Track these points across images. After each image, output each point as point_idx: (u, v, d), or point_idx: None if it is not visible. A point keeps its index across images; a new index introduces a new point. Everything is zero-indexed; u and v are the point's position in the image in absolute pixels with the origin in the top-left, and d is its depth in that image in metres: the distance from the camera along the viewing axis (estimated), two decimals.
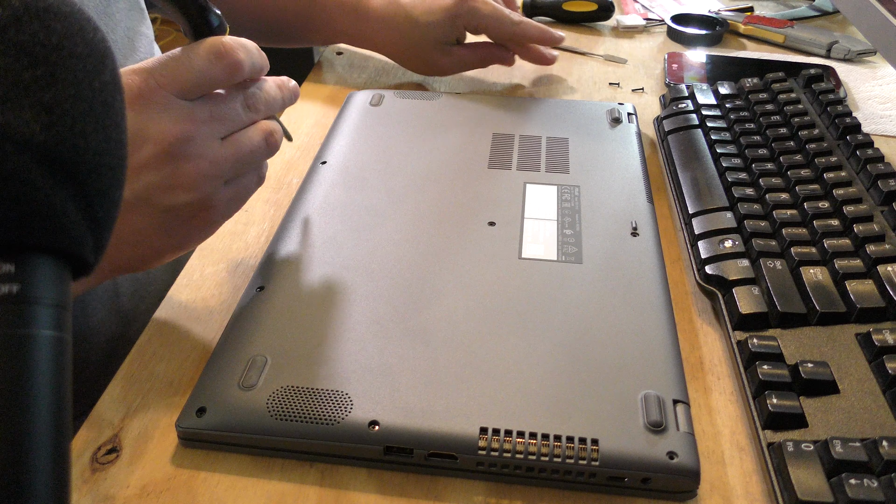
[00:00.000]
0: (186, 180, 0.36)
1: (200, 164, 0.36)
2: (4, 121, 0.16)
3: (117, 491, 0.33)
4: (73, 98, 0.17)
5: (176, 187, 0.36)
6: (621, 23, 0.85)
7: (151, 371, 0.39)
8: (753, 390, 0.36)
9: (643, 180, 0.51)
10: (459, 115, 0.59)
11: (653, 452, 0.32)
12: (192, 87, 0.36)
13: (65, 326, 0.17)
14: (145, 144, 0.35)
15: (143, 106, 0.34)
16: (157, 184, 0.36)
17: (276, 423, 0.33)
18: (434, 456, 0.33)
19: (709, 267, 0.44)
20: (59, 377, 0.16)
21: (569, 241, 0.45)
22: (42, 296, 0.16)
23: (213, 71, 0.36)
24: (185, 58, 0.36)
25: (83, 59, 0.18)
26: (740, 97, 0.62)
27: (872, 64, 0.76)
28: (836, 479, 0.31)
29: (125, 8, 0.60)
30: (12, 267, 0.16)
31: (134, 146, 0.34)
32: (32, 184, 0.16)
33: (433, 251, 0.44)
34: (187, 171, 0.36)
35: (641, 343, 0.38)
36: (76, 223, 0.17)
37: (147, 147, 0.35)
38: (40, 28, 0.17)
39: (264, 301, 0.40)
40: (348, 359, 0.36)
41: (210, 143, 0.37)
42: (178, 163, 0.36)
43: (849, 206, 0.46)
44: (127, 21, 0.61)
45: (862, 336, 0.38)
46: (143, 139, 0.35)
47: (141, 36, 0.63)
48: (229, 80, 0.37)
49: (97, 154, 0.18)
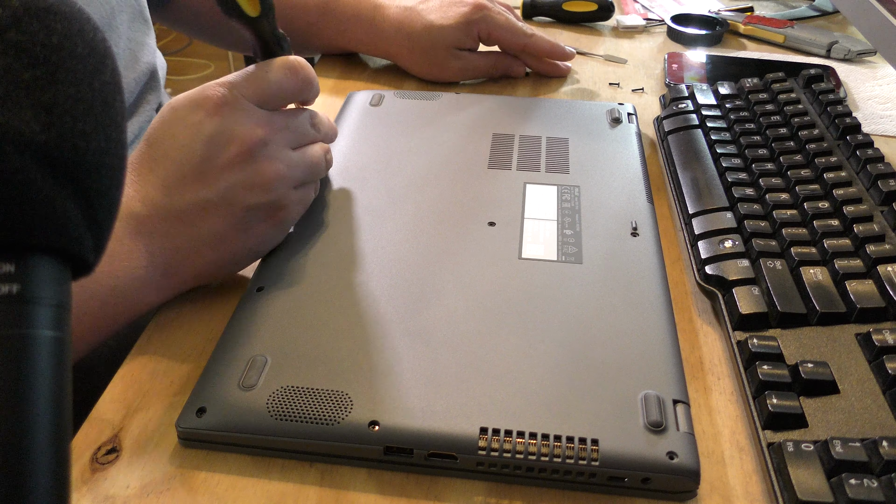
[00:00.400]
0: (265, 180, 0.39)
1: (278, 167, 0.40)
2: (4, 121, 0.16)
3: (117, 491, 0.33)
4: (73, 98, 0.17)
5: (255, 187, 0.39)
6: (621, 23, 0.85)
7: (151, 371, 0.39)
8: (753, 390, 0.36)
9: (643, 180, 0.51)
10: (459, 115, 0.59)
11: (653, 452, 0.32)
12: (269, 98, 0.40)
13: (65, 326, 0.17)
14: (230, 145, 0.38)
15: (229, 112, 0.38)
16: (239, 183, 0.39)
17: (276, 423, 0.33)
18: (434, 456, 0.33)
19: (709, 267, 0.44)
20: (59, 377, 0.16)
21: (569, 241, 0.45)
22: (42, 296, 0.16)
23: (288, 84, 0.41)
24: (262, 72, 0.40)
25: (83, 59, 0.18)
26: (740, 97, 0.62)
27: (872, 64, 0.76)
28: (836, 480, 0.31)
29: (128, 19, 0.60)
30: (12, 267, 0.16)
31: (219, 147, 0.38)
32: (32, 184, 0.16)
33: (433, 251, 0.44)
34: (266, 171, 0.39)
35: (641, 343, 0.38)
36: (76, 223, 0.17)
37: (232, 147, 0.38)
38: (40, 28, 0.17)
39: (264, 301, 0.40)
40: (348, 359, 0.36)
41: (285, 149, 0.41)
42: (259, 163, 0.39)
43: (849, 206, 0.46)
44: (130, 32, 0.61)
45: (862, 336, 0.38)
46: (228, 140, 0.38)
47: (144, 47, 0.63)
48: (301, 93, 0.42)
49: (97, 154, 0.18)
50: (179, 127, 0.39)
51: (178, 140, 0.38)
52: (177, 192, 0.38)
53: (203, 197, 0.38)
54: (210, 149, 0.38)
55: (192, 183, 0.38)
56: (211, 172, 0.38)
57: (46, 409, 0.16)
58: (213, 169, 0.38)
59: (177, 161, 0.38)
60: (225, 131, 0.38)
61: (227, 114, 0.38)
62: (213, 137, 0.38)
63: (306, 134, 0.43)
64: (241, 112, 0.39)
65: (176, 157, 0.38)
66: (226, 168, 0.39)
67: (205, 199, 0.38)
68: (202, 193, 0.38)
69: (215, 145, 0.38)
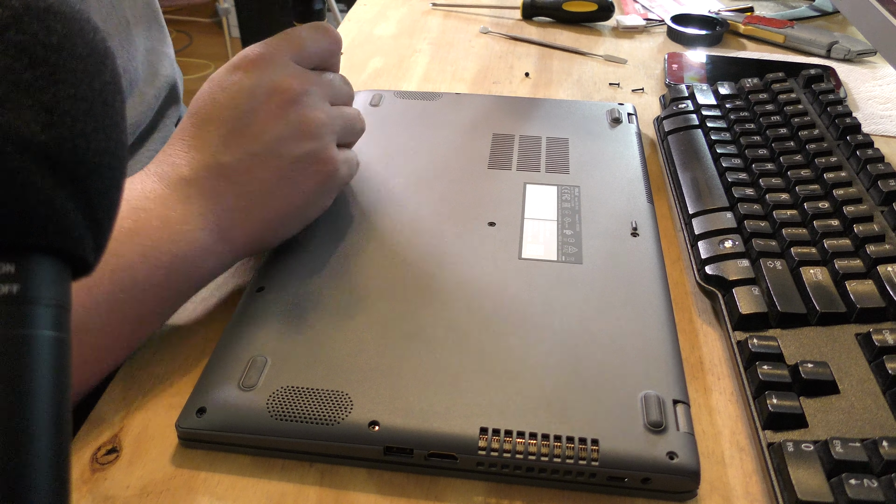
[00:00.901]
0: (309, 128, 0.40)
1: (319, 114, 0.41)
2: (4, 121, 0.16)
3: (117, 491, 0.33)
4: (73, 98, 0.17)
5: (300, 135, 0.40)
6: (621, 23, 0.85)
7: (151, 371, 0.39)
8: (753, 390, 0.36)
9: (643, 180, 0.51)
10: (459, 115, 0.59)
11: (653, 452, 0.32)
12: (304, 55, 0.42)
13: (65, 327, 0.17)
14: (272, 96, 0.39)
15: (268, 65, 0.40)
16: (284, 134, 0.40)
17: (276, 423, 0.33)
18: (434, 456, 0.33)
19: (709, 267, 0.44)
20: (60, 377, 0.16)
21: (569, 241, 0.45)
22: (42, 296, 0.16)
23: (321, 43, 0.43)
24: (295, 33, 0.42)
25: (83, 59, 0.18)
26: (740, 97, 0.62)
27: (872, 64, 0.76)
28: (836, 480, 0.31)
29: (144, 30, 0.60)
30: (12, 267, 0.16)
31: (261, 100, 0.39)
32: (32, 184, 0.16)
33: (433, 251, 0.44)
34: (309, 118, 0.40)
35: (641, 343, 0.38)
36: (76, 223, 0.17)
37: (273, 98, 0.39)
38: (40, 28, 0.17)
39: (264, 301, 0.40)
40: (348, 359, 0.36)
41: (324, 101, 0.42)
42: (302, 111, 0.40)
43: (849, 207, 0.46)
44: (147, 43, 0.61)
45: (862, 336, 0.38)
46: (269, 91, 0.39)
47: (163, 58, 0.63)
48: (332, 55, 0.44)
49: (97, 154, 0.18)
50: (219, 90, 0.39)
51: (220, 102, 0.39)
52: (223, 150, 0.39)
53: (249, 151, 0.39)
54: (252, 103, 0.39)
55: (238, 138, 0.39)
56: (255, 125, 0.39)
57: (46, 409, 0.16)
58: (256, 122, 0.39)
59: (220, 121, 0.39)
60: (265, 83, 0.39)
61: (265, 67, 0.40)
62: (253, 91, 0.39)
63: (342, 91, 0.45)
64: (279, 65, 0.40)
65: (219, 117, 0.39)
66: (270, 119, 0.39)
67: (251, 153, 0.39)
68: (248, 147, 0.39)
69: (257, 98, 0.39)
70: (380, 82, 0.71)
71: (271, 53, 0.40)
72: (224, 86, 0.40)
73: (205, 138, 0.39)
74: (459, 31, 0.84)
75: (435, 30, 0.85)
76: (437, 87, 0.71)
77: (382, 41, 0.82)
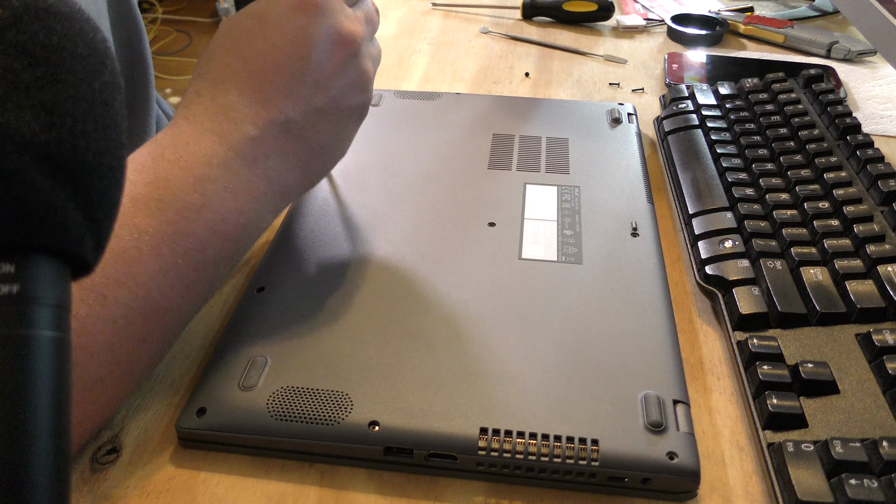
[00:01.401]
0: (365, 82, 0.40)
1: (370, 65, 0.40)
2: (4, 121, 0.16)
3: (117, 491, 0.33)
4: (73, 98, 0.17)
5: (358, 89, 0.39)
6: (621, 23, 0.85)
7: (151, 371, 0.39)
8: (753, 390, 0.36)
9: (643, 180, 0.51)
10: (459, 115, 0.59)
11: (653, 453, 0.32)
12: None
13: (65, 327, 0.17)
14: (337, 46, 0.38)
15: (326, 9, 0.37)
16: (347, 86, 0.39)
17: (276, 423, 0.33)
18: (434, 456, 0.33)
19: (709, 267, 0.44)
20: (59, 377, 0.16)
21: (569, 241, 0.45)
22: (42, 296, 0.16)
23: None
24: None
25: (83, 59, 0.18)
26: (740, 97, 0.62)
27: (872, 64, 0.76)
28: (836, 480, 0.31)
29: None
30: (12, 267, 0.16)
31: (328, 51, 0.37)
32: (32, 184, 0.16)
33: (433, 251, 0.44)
34: (366, 72, 0.39)
35: (641, 343, 0.38)
36: (76, 223, 0.17)
37: (339, 49, 0.38)
38: (40, 28, 0.17)
39: (264, 301, 0.40)
40: (348, 359, 0.36)
41: (372, 44, 0.41)
42: (360, 63, 0.39)
43: (849, 207, 0.46)
44: None
45: (862, 336, 0.38)
46: (336, 41, 0.37)
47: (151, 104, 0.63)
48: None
49: (97, 154, 0.18)
50: (281, 35, 0.37)
51: (284, 48, 0.37)
52: (290, 104, 0.37)
53: (315, 105, 0.38)
54: (321, 53, 0.37)
55: (304, 90, 0.37)
56: (323, 77, 0.38)
57: (46, 410, 0.16)
58: (324, 73, 0.38)
59: (288, 72, 0.37)
60: (332, 33, 0.37)
61: (329, 14, 0.37)
62: (321, 40, 0.37)
63: (376, 24, 0.43)
64: (341, 11, 0.38)
65: (286, 67, 0.37)
66: (334, 71, 0.38)
67: (317, 108, 0.38)
68: (314, 101, 0.38)
69: (325, 49, 0.37)
70: (380, 82, 0.71)
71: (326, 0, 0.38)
72: (286, 29, 0.37)
73: (268, 90, 0.36)
74: (459, 31, 0.84)
75: (435, 30, 0.85)
76: (437, 87, 0.71)
77: (382, 41, 0.81)
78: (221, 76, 0.37)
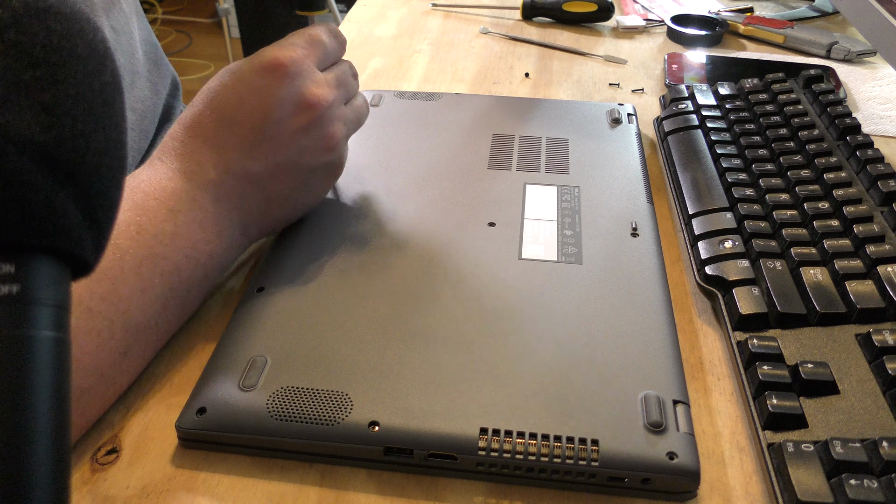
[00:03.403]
0: (331, 142, 0.42)
1: (339, 128, 0.42)
2: (5, 121, 0.16)
3: (117, 491, 0.33)
4: (73, 99, 0.17)
5: (322, 149, 0.41)
6: (621, 23, 0.85)
7: (151, 371, 0.39)
8: (753, 391, 0.36)
9: (643, 181, 0.51)
10: (459, 115, 0.59)
11: (653, 453, 0.32)
12: (323, 60, 0.42)
13: (65, 327, 0.17)
14: (301, 109, 0.40)
15: (297, 74, 0.40)
16: (309, 147, 0.41)
17: (276, 423, 0.33)
18: (434, 456, 0.33)
19: (709, 267, 0.44)
20: (60, 378, 0.16)
21: (569, 241, 0.45)
22: (42, 296, 0.16)
23: (334, 46, 0.43)
24: (312, 37, 0.42)
25: (83, 59, 0.18)
26: (740, 98, 0.62)
27: (872, 64, 0.76)
28: (836, 480, 0.31)
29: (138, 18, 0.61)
30: (12, 267, 0.16)
31: (291, 112, 0.40)
32: (32, 184, 0.16)
33: (433, 251, 0.44)
34: (332, 133, 0.41)
35: (641, 343, 0.38)
36: (76, 223, 0.17)
37: (303, 113, 0.40)
38: (41, 29, 0.17)
39: (264, 301, 0.40)
40: (348, 359, 0.36)
41: (341, 108, 0.43)
42: (325, 126, 0.41)
43: (849, 207, 0.46)
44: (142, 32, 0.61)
45: (862, 336, 0.38)
46: (300, 105, 0.40)
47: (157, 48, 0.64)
48: (341, 54, 0.45)
49: (97, 154, 0.18)
50: (248, 92, 0.39)
51: (248, 106, 0.39)
52: (250, 158, 0.40)
53: (275, 161, 0.40)
54: (281, 113, 0.39)
55: (265, 147, 0.40)
56: (282, 136, 0.40)
57: (46, 410, 0.16)
58: (284, 133, 0.40)
59: (248, 126, 0.39)
60: (296, 95, 0.39)
61: (296, 77, 0.39)
62: (284, 101, 0.39)
63: (353, 86, 0.45)
64: (309, 76, 0.40)
65: (248, 122, 0.39)
66: (296, 132, 0.40)
67: (276, 163, 0.40)
68: (274, 157, 0.40)
69: (286, 110, 0.39)
70: (380, 82, 0.71)
71: (300, 61, 0.40)
72: (253, 87, 0.39)
73: (230, 142, 0.39)
74: (459, 32, 0.84)
75: (435, 30, 0.85)
76: (437, 88, 0.71)
77: (382, 41, 0.82)
78: (193, 123, 0.40)
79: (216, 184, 0.39)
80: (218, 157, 0.39)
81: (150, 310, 0.36)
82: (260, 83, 0.39)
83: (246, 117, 0.39)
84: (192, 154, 0.39)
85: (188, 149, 0.39)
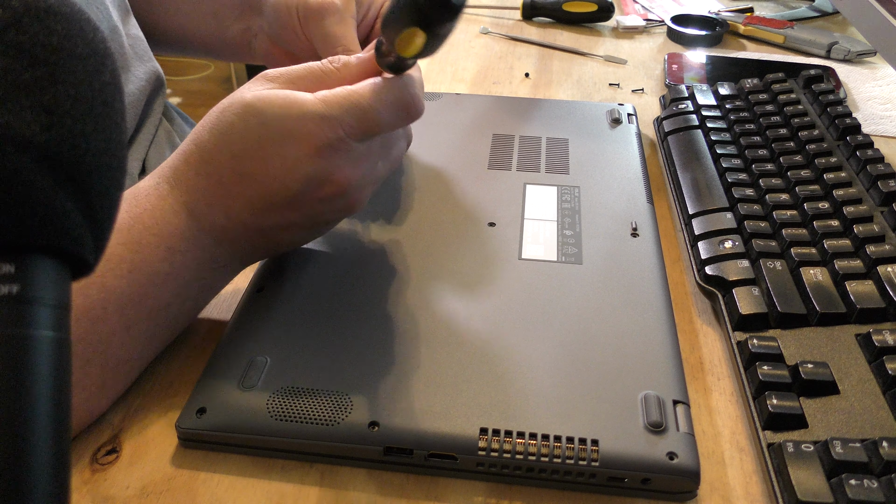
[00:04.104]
0: (355, 208, 0.40)
1: (368, 192, 0.40)
2: (4, 121, 0.16)
3: (117, 491, 0.33)
4: (73, 99, 0.17)
5: (341, 210, 0.39)
6: (621, 23, 0.85)
7: (151, 371, 0.39)
8: (753, 391, 0.36)
9: (643, 181, 0.51)
10: (459, 115, 0.59)
11: (653, 453, 0.32)
12: (373, 134, 0.37)
13: (65, 327, 0.17)
14: (326, 185, 0.37)
15: (329, 155, 0.36)
16: (325, 211, 0.39)
17: (276, 423, 0.33)
18: (434, 456, 0.33)
19: (709, 267, 0.44)
20: (59, 378, 0.16)
21: (569, 241, 0.45)
22: (42, 296, 0.16)
23: (397, 123, 0.37)
24: (372, 111, 0.36)
25: (83, 59, 0.18)
26: (740, 98, 0.62)
27: (872, 64, 0.76)
28: (836, 480, 0.31)
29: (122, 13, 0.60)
30: (12, 267, 0.16)
31: (315, 187, 0.37)
32: (32, 184, 0.16)
33: (433, 251, 0.44)
34: (358, 200, 0.39)
35: (641, 343, 0.38)
36: (76, 223, 0.17)
37: (328, 188, 0.37)
38: (40, 29, 0.17)
39: (264, 302, 0.40)
40: (348, 360, 0.36)
41: (377, 168, 0.40)
42: (350, 196, 0.38)
43: (849, 207, 0.46)
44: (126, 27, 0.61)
45: (862, 336, 0.38)
46: (326, 181, 0.37)
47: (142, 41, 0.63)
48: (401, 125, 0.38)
49: (97, 154, 0.18)
50: (275, 155, 0.35)
51: (272, 171, 0.36)
52: (263, 215, 0.37)
53: (289, 220, 0.38)
54: (305, 187, 0.36)
55: (281, 210, 0.37)
56: (302, 203, 0.37)
57: (46, 410, 0.16)
58: (304, 201, 0.37)
59: (268, 190, 0.36)
60: (323, 175, 0.36)
61: (327, 157, 0.36)
62: (310, 179, 0.36)
63: (398, 149, 0.42)
64: (343, 155, 0.36)
65: (267, 185, 0.36)
66: (316, 202, 0.37)
67: (290, 222, 0.38)
68: (289, 217, 0.38)
69: (311, 185, 0.36)
70: None
71: (338, 140, 0.35)
72: (281, 154, 0.35)
73: (246, 194, 0.36)
74: (459, 31, 0.84)
75: None
76: (437, 87, 0.71)
77: None
78: (211, 158, 0.36)
79: (223, 229, 0.37)
80: (230, 205, 0.37)
81: (132, 346, 0.35)
82: (290, 153, 0.35)
83: (267, 180, 0.36)
84: (202, 193, 0.36)
85: (200, 185, 0.36)
